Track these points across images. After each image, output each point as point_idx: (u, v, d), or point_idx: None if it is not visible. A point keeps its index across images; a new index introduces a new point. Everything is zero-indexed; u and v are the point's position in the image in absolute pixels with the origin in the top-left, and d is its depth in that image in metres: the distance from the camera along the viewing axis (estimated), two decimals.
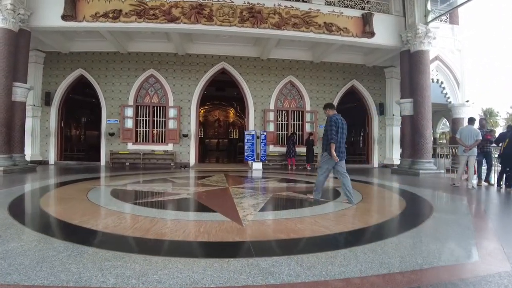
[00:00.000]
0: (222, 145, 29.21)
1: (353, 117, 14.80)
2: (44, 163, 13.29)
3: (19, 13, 9.82)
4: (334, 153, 5.06)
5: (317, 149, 13.88)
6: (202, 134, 28.74)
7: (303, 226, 3.73)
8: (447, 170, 11.21)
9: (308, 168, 13.00)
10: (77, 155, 19.36)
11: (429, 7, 11.19)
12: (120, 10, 10.19)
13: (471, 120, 8.05)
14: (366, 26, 11.46)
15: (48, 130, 13.51)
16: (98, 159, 13.60)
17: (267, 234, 3.41)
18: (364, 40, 11.53)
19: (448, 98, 13.44)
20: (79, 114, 25.91)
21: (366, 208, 5.01)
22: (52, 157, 13.53)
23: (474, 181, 8.06)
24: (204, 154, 22.55)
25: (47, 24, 10.48)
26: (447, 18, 13.22)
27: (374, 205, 5.42)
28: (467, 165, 7.86)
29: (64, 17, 10.26)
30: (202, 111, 28.39)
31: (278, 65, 13.97)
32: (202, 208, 4.99)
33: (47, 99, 13.35)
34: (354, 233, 3.56)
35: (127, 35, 12.65)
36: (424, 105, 11.25)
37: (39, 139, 13.47)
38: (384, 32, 11.74)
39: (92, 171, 10.70)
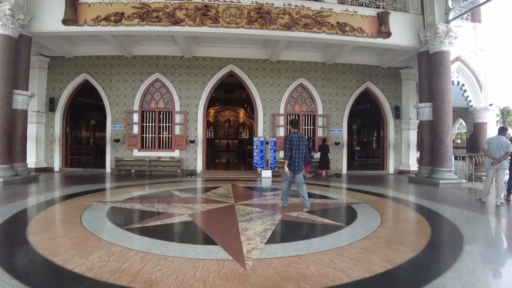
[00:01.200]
0: (232, 145, 29.02)
1: (366, 118, 14.04)
2: (49, 170, 13.03)
3: (18, 19, 9.48)
4: (286, 168, 6.07)
5: (335, 155, 13.29)
6: (212, 135, 29.42)
7: (316, 268, 3.18)
8: (469, 179, 10.44)
9: (323, 174, 12.43)
10: (85, 159, 19.27)
11: (450, 4, 10.43)
12: (122, 13, 9.75)
13: (502, 130, 7.31)
14: (382, 26, 10.78)
15: (52, 137, 13.22)
16: (104, 166, 13.24)
17: (273, 284, 2.86)
18: (380, 40, 10.86)
19: (470, 101, 12.62)
20: (89, 117, 25.91)
21: (386, 236, 4.42)
22: (57, 164, 13.24)
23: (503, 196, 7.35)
24: (213, 155, 22.25)
25: (48, 29, 10.13)
26: (469, 16, 12.40)
27: (395, 232, 4.79)
28: (495, 179, 7.18)
29: (65, 22, 9.88)
30: (212, 111, 28.84)
31: (289, 67, 13.37)
32: (202, 236, 4.49)
33: (51, 105, 13.06)
34: (376, 281, 2.99)
35: (132, 38, 12.25)
36: (445, 110, 10.52)
37: (44, 145, 13.21)
38: (401, 31, 11.05)
39: (95, 180, 10.37)
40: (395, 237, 4.47)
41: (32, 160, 12.78)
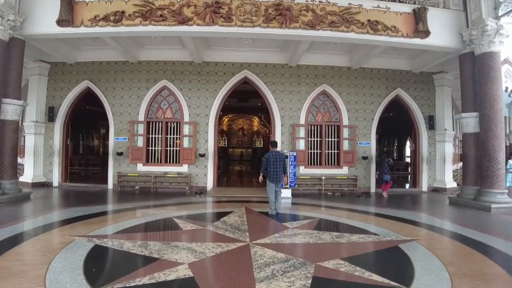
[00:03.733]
0: (246, 154, 28.05)
1: (386, 127, 12.46)
2: (47, 185, 11.95)
3: (8, 19, 8.45)
4: (260, 178, 7.85)
5: (363, 171, 11.85)
6: (226, 143, 28.88)
7: None
8: None
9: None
10: (93, 170, 18.24)
11: None
12: (123, 12, 8.60)
13: None
14: (419, 24, 9.32)
15: (52, 149, 12.15)
16: (106, 181, 12.05)
17: None
18: (417, 41, 9.40)
19: None
20: (100, 125, 25.11)
21: None
22: (56, 178, 12.15)
23: None
24: (226, 165, 21.13)
25: (41, 31, 9.07)
26: None
27: None
28: None
29: (60, 22, 8.81)
30: (226, 119, 28.57)
31: (310, 72, 11.99)
32: None
33: (50, 115, 12.01)
34: None
35: (136, 42, 11.13)
36: (495, 120, 8.93)
37: (43, 158, 12.16)
38: (440, 30, 9.55)
39: (93, 200, 9.20)
40: None
41: (29, 174, 11.81)
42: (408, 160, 22.23)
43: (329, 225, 6.66)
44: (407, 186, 14.74)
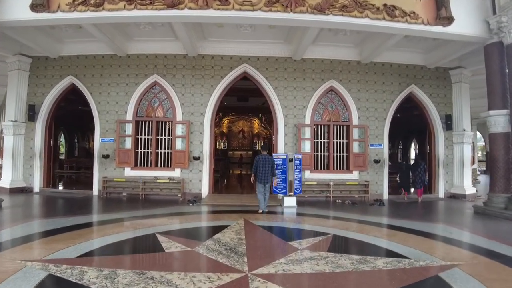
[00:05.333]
0: (246, 157, 27.14)
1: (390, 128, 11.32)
2: (27, 190, 10.83)
3: None
4: (252, 179, 8.28)
5: (374, 175, 10.74)
6: (226, 146, 28.27)
7: None
8: None
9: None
10: (84, 174, 17.06)
11: None
12: None
13: None
14: (441, 10, 8.21)
15: (32, 151, 11.03)
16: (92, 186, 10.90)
17: None
18: (438, 29, 8.28)
19: None
20: (93, 127, 23.95)
21: None
22: (37, 183, 11.01)
23: None
24: (226, 168, 20.03)
25: (14, 17, 7.96)
26: None
27: None
28: None
29: (34, 7, 7.73)
30: (225, 121, 28.18)
31: (316, 66, 10.84)
32: None
33: (31, 113, 10.89)
34: None
35: (124, 32, 10.01)
36: None
37: (23, 161, 11.03)
38: (464, 17, 8.45)
39: (71, 209, 8.13)
40: None
41: (7, 179, 10.75)
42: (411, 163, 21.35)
43: (345, 244, 5.49)
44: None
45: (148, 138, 10.69)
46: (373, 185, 10.74)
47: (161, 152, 10.73)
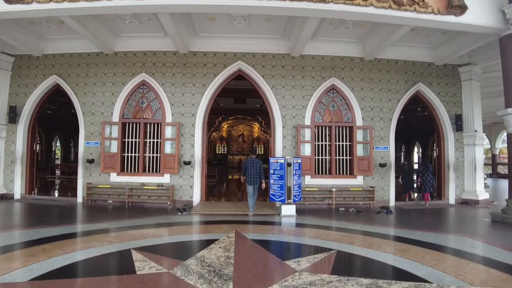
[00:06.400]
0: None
1: (397, 131, 10.60)
2: (7, 197, 10.08)
3: None
4: (243, 179, 8.53)
5: (380, 180, 9.96)
6: (225, 150, 28.26)
7: None
8: None
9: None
10: (75, 179, 16.27)
11: None
12: None
13: None
14: None
15: (14, 155, 10.28)
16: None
17: None
18: (451, 18, 7.52)
19: None
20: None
21: None
22: (18, 189, 10.26)
23: None
24: (225, 174, 19.38)
25: None
26: None
27: None
28: None
29: None
30: (225, 125, 27.98)
31: (316, 64, 10.09)
32: None
33: (11, 115, 10.16)
34: None
35: (110, 28, 9.30)
36: None
37: (3, 166, 10.28)
38: (478, 6, 7.69)
39: (47, 219, 7.36)
40: None
41: None
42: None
43: (351, 263, 4.68)
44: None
45: (135, 141, 9.92)
46: (379, 191, 9.92)
47: (149, 156, 9.98)
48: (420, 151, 24.94)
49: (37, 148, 21.00)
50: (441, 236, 6.17)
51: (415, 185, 12.57)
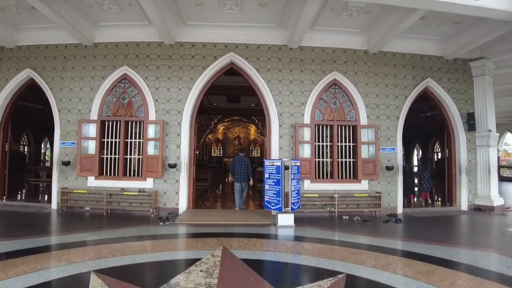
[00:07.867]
0: None
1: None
2: None
3: None
4: (230, 178, 9.13)
5: (387, 185, 9.03)
6: (221, 153, 27.51)
7: None
8: None
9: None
10: (47, 182, 15.27)
11: None
12: None
13: None
14: None
15: None
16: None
17: None
18: (469, 1, 6.62)
19: None
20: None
21: None
22: None
23: None
24: (219, 177, 18.46)
25: None
26: None
27: None
28: None
29: None
30: (221, 128, 27.34)
31: (316, 56, 9.17)
32: None
33: None
34: None
35: (87, 16, 8.34)
36: None
37: None
38: None
39: (9, 229, 6.36)
40: None
41: None
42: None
43: None
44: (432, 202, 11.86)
45: (115, 142, 8.94)
46: (386, 197, 8.98)
47: (130, 158, 9.00)
48: (420, 153, 24.17)
49: (25, 150, 20.19)
50: (466, 253, 5.24)
51: (416, 189, 11.71)
